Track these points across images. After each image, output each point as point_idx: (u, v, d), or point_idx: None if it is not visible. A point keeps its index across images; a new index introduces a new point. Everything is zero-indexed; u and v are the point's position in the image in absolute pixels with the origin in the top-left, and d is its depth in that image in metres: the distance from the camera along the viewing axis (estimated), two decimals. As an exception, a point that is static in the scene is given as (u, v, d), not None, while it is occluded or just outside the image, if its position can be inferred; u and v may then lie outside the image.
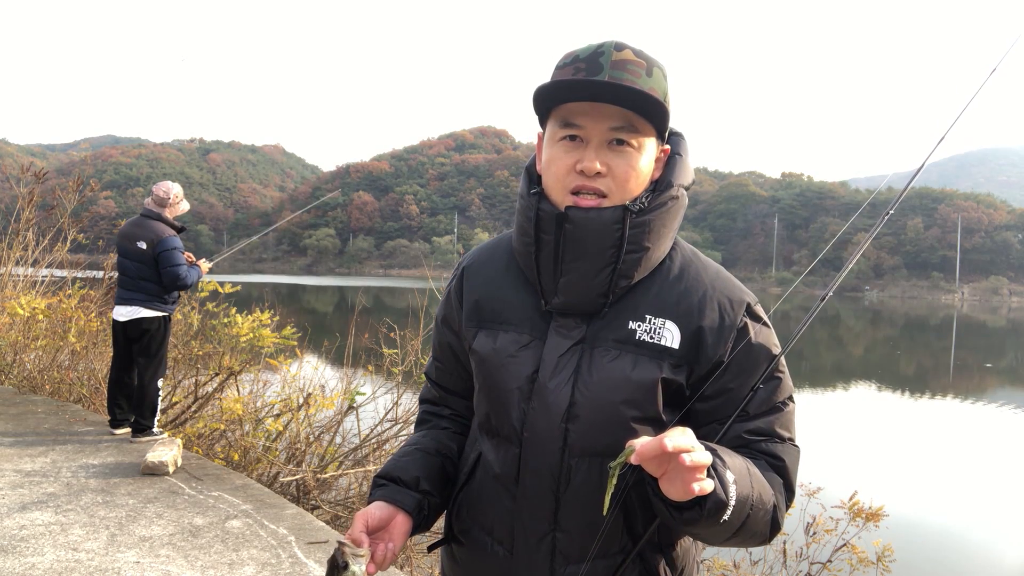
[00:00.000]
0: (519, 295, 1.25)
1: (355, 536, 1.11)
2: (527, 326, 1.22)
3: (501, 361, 1.22)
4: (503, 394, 1.21)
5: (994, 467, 11.27)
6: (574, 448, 1.16)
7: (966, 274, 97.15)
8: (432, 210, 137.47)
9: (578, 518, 1.17)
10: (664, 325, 1.17)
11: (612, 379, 1.15)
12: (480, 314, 1.27)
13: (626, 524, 1.18)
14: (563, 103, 1.14)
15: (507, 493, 1.21)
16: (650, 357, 1.16)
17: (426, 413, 1.43)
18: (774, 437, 1.19)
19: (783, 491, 1.17)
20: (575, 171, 1.13)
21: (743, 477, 1.07)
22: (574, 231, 1.14)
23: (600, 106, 1.11)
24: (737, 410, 1.17)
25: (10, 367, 7.82)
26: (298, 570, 3.41)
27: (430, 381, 1.43)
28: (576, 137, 1.14)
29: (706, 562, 4.18)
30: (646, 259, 1.17)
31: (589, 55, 1.13)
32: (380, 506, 1.19)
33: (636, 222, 1.14)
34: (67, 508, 4.07)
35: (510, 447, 1.21)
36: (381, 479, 1.25)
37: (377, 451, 5.49)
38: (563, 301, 1.18)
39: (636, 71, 1.11)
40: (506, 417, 1.21)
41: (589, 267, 1.15)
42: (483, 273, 1.31)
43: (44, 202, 10.52)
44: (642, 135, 1.14)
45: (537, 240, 1.18)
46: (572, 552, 1.18)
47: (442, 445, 1.33)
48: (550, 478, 1.17)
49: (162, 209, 5.64)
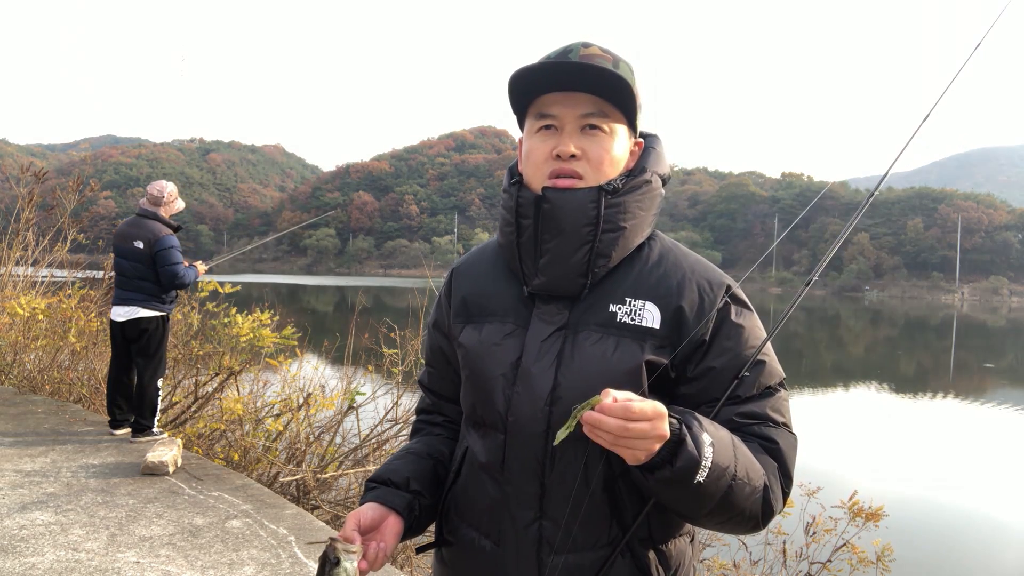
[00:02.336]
0: (502, 287, 1.28)
1: (347, 535, 1.13)
2: (511, 315, 1.25)
3: (486, 350, 1.24)
4: (487, 382, 1.23)
5: (994, 467, 11.28)
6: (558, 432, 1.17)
7: (966, 274, 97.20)
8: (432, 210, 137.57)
9: (564, 505, 1.17)
10: (644, 306, 1.19)
11: (594, 361, 1.17)
12: (467, 310, 1.31)
13: (615, 515, 1.17)
14: (536, 96, 1.20)
15: (492, 482, 1.22)
16: (632, 339, 1.17)
17: (420, 422, 1.44)
18: (767, 421, 1.19)
19: (778, 475, 1.16)
20: (552, 157, 1.19)
21: (725, 447, 1.07)
22: (551, 210, 1.18)
23: (571, 95, 1.17)
24: (726, 392, 1.17)
25: (10, 367, 7.82)
26: (298, 570, 3.41)
27: (424, 388, 1.45)
28: (551, 127, 1.20)
29: (706, 562, 4.18)
30: (623, 239, 1.20)
31: (557, 55, 1.18)
32: (371, 507, 1.20)
33: (611, 202, 1.18)
34: (67, 508, 4.07)
35: (495, 434, 1.22)
36: (372, 482, 1.27)
37: (377, 451, 5.49)
38: (543, 282, 1.21)
39: (603, 64, 1.15)
40: (491, 405, 1.22)
41: (567, 245, 1.18)
42: (470, 273, 1.34)
43: (44, 202, 10.52)
44: (613, 121, 1.19)
45: (518, 226, 1.22)
46: (558, 542, 1.18)
47: (433, 449, 1.35)
48: (535, 462, 1.18)
49: (157, 208, 5.65)
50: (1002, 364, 27.62)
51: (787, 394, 1.24)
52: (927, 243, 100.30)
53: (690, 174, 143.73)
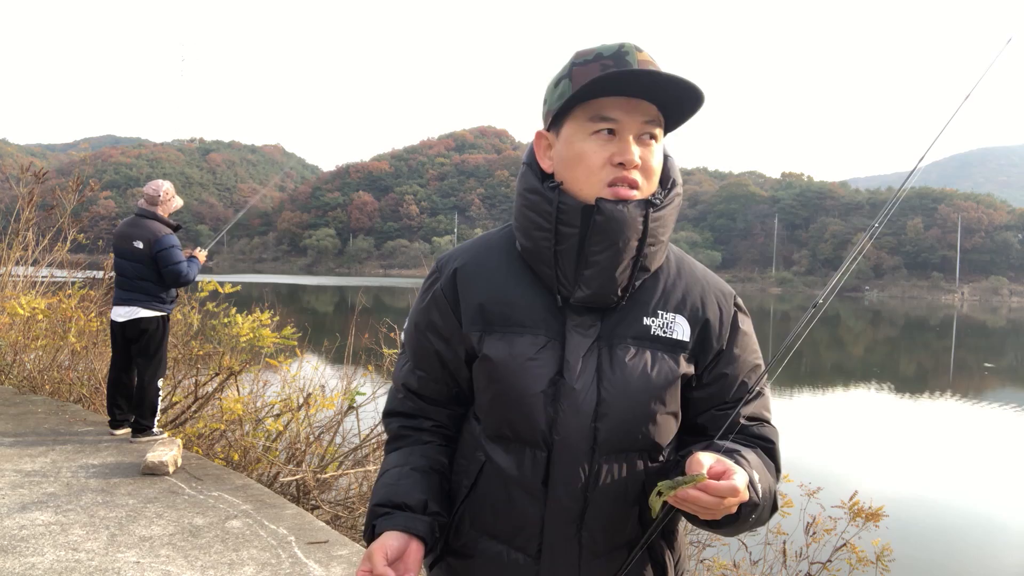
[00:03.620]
0: (528, 295, 1.23)
1: (381, 572, 1.10)
2: (542, 327, 1.21)
3: (519, 365, 1.19)
4: (525, 399, 1.18)
5: (994, 467, 11.27)
6: (603, 447, 1.18)
7: (966, 274, 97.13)
8: (432, 210, 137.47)
9: (603, 514, 1.19)
10: (675, 319, 1.23)
11: (635, 376, 1.18)
12: (486, 318, 1.23)
13: (639, 515, 1.22)
14: (597, 97, 1.15)
15: (531, 498, 1.19)
16: (665, 352, 1.21)
17: (403, 428, 1.33)
18: (763, 421, 1.27)
19: (776, 474, 1.24)
20: (611, 164, 1.16)
21: (762, 473, 1.15)
22: (604, 223, 1.15)
23: (634, 101, 1.15)
24: (732, 396, 1.25)
25: (10, 367, 7.82)
26: (298, 570, 3.41)
27: (409, 392, 1.33)
28: (611, 131, 1.16)
29: (706, 562, 4.18)
30: (660, 252, 1.23)
31: (613, 54, 1.14)
32: (395, 535, 1.16)
33: (655, 216, 1.18)
34: (67, 508, 4.07)
35: (533, 451, 1.19)
36: (384, 507, 1.21)
37: (377, 451, 5.49)
38: (587, 294, 1.19)
39: (674, 77, 1.15)
40: (530, 422, 1.18)
41: (615, 258, 1.17)
42: (482, 275, 1.26)
43: (44, 202, 10.51)
44: (661, 129, 1.19)
45: (557, 233, 1.18)
46: (596, 547, 1.21)
47: (434, 461, 1.28)
48: (580, 479, 1.18)
49: (155, 208, 5.64)
50: (1002, 364, 27.59)
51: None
52: (927, 243, 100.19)
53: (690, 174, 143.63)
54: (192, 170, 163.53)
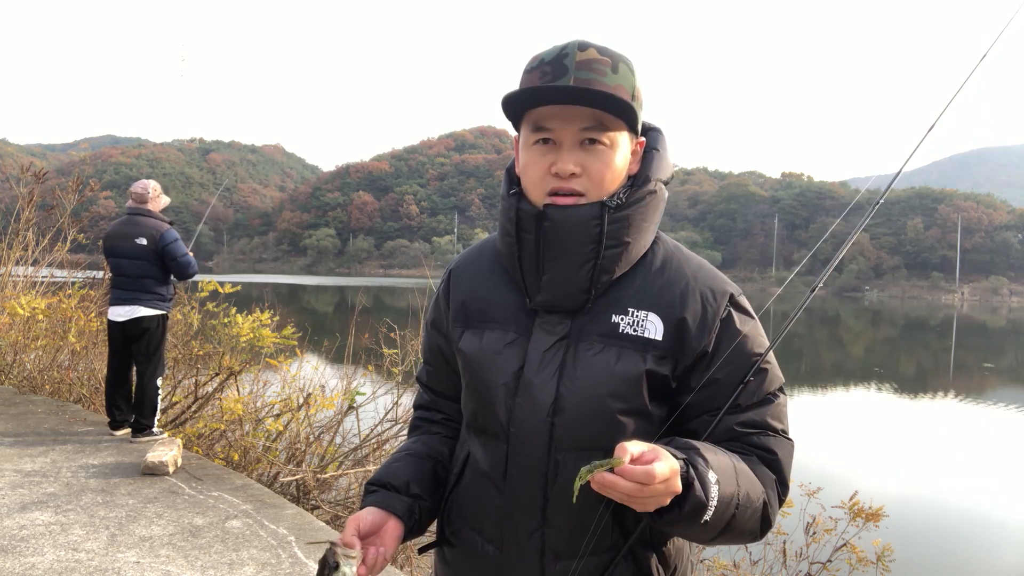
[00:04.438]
0: (503, 294, 1.26)
1: (347, 539, 1.12)
2: (512, 324, 1.23)
3: (487, 358, 1.23)
4: (489, 391, 1.22)
5: (994, 467, 11.27)
6: (560, 443, 1.16)
7: (966, 274, 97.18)
8: (432, 210, 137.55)
9: (566, 514, 1.17)
10: (647, 317, 1.17)
11: (597, 372, 1.16)
12: (466, 314, 1.29)
13: (616, 520, 1.18)
14: (532, 107, 1.15)
15: (495, 490, 1.22)
16: (634, 349, 1.16)
17: (418, 419, 1.43)
18: (767, 430, 1.19)
19: (775, 487, 1.17)
20: (550, 173, 1.14)
21: (728, 476, 1.07)
22: (553, 229, 1.15)
23: (570, 108, 1.12)
24: (728, 402, 1.17)
25: (10, 367, 7.82)
26: (298, 570, 3.41)
27: (421, 385, 1.44)
28: (549, 140, 1.14)
29: (706, 562, 4.18)
30: (626, 254, 1.18)
31: (553, 58, 1.13)
32: (371, 511, 1.19)
33: (615, 217, 1.15)
34: (67, 508, 4.07)
35: (497, 444, 1.21)
36: (372, 485, 1.26)
37: (377, 451, 5.49)
38: (546, 299, 1.19)
39: (601, 69, 1.11)
40: (492, 414, 1.21)
41: (569, 264, 1.16)
42: (469, 275, 1.32)
43: (44, 202, 10.51)
44: (613, 131, 1.14)
45: (519, 239, 1.19)
46: (561, 548, 1.18)
47: (432, 449, 1.33)
48: (537, 473, 1.18)
49: (146, 205, 5.66)
50: (1002, 364, 27.61)
51: (786, 399, 1.23)
52: (927, 243, 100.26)
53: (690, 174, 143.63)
54: (192, 170, 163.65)
